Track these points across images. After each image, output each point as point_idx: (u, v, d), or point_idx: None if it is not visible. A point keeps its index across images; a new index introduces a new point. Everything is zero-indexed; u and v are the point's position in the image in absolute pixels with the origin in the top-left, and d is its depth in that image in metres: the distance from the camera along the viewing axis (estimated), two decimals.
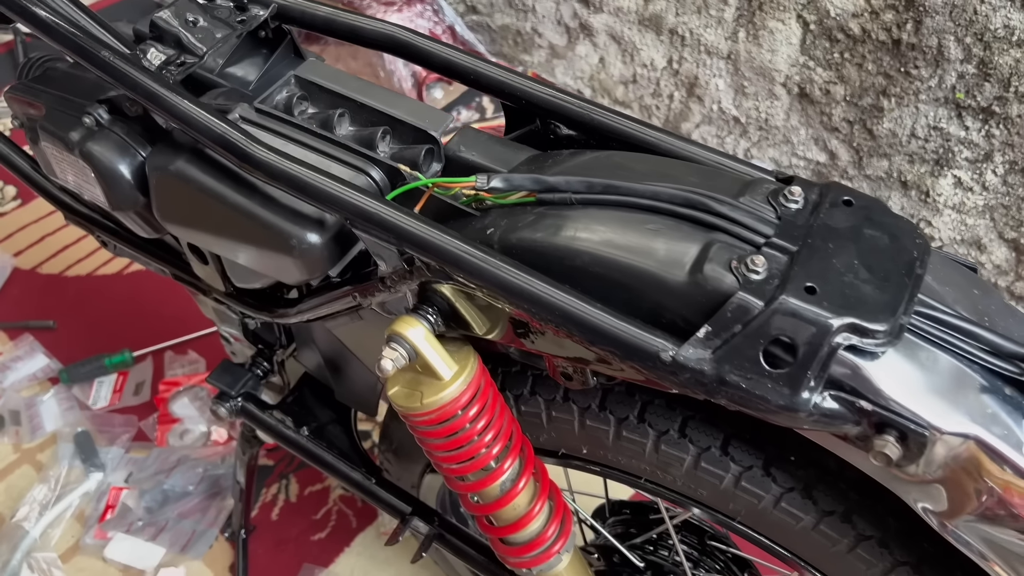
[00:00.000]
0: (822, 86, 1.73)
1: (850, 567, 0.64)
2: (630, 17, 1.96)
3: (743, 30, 1.77)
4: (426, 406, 0.62)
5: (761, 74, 1.80)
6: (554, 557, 0.72)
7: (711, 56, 1.86)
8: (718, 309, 0.51)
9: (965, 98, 1.53)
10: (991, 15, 1.42)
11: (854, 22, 1.60)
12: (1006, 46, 1.43)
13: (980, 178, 1.60)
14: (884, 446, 0.50)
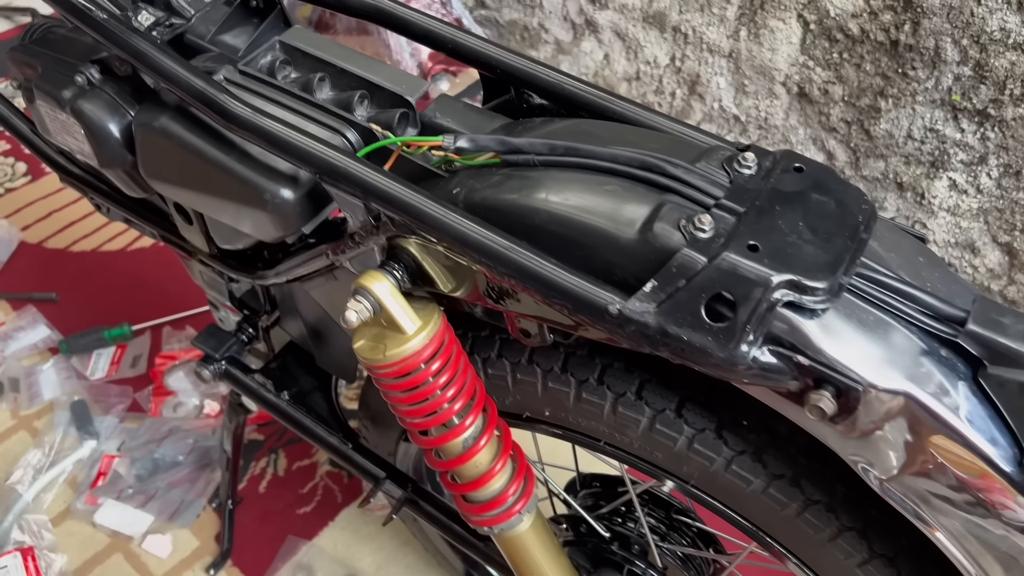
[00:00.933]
0: (821, 86, 1.74)
1: (799, 532, 0.66)
2: (634, 14, 1.98)
3: (744, 29, 1.79)
4: (388, 358, 0.64)
5: (761, 73, 1.82)
6: (515, 517, 0.74)
7: (713, 54, 1.88)
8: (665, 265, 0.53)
9: (961, 100, 1.54)
10: (987, 17, 1.43)
11: (853, 22, 1.61)
12: (1002, 49, 1.44)
13: (975, 181, 1.61)
14: (819, 400, 0.52)
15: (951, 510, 0.54)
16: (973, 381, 0.52)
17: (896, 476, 0.54)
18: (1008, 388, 0.50)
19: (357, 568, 1.33)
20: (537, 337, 0.64)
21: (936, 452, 0.52)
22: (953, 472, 0.52)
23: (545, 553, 0.79)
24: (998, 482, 0.51)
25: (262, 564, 1.34)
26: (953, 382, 0.52)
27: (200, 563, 1.35)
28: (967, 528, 0.54)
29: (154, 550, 1.36)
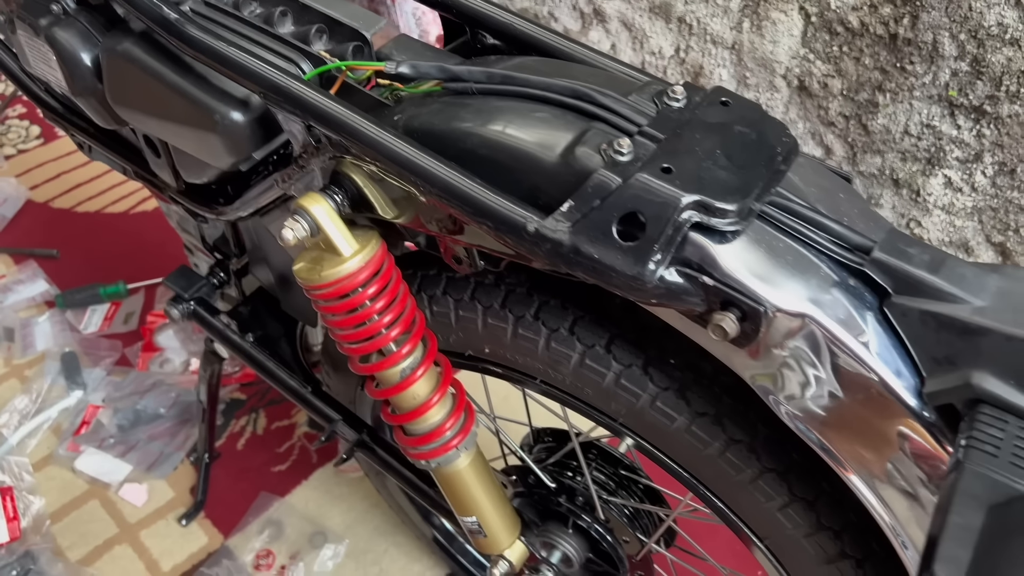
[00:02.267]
0: (820, 79, 1.74)
1: (722, 472, 0.66)
2: (641, 4, 1.99)
3: (747, 20, 1.79)
4: (323, 278, 0.65)
5: (763, 65, 1.82)
6: (452, 451, 0.75)
7: (716, 46, 1.88)
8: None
9: (958, 96, 1.53)
10: (985, 12, 1.42)
11: (853, 15, 1.61)
12: (999, 44, 1.43)
13: (970, 179, 1.60)
14: (722, 320, 0.53)
15: (853, 439, 0.54)
16: (879, 311, 0.52)
17: (801, 405, 0.55)
18: (910, 317, 0.51)
19: (326, 527, 1.35)
20: (468, 263, 0.65)
21: (836, 375, 0.53)
22: (855, 400, 0.53)
23: (484, 493, 0.80)
24: (898, 410, 0.52)
25: (234, 517, 1.36)
26: (859, 310, 0.52)
27: (173, 513, 1.37)
28: (869, 458, 0.54)
29: (130, 498, 1.38)
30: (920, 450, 0.52)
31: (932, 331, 0.50)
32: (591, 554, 0.91)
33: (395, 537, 1.33)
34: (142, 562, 1.31)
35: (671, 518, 0.84)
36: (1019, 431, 0.47)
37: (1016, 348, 0.47)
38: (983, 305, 0.49)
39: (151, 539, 1.34)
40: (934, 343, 0.50)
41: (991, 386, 0.48)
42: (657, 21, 1.98)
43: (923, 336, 0.51)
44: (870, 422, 0.53)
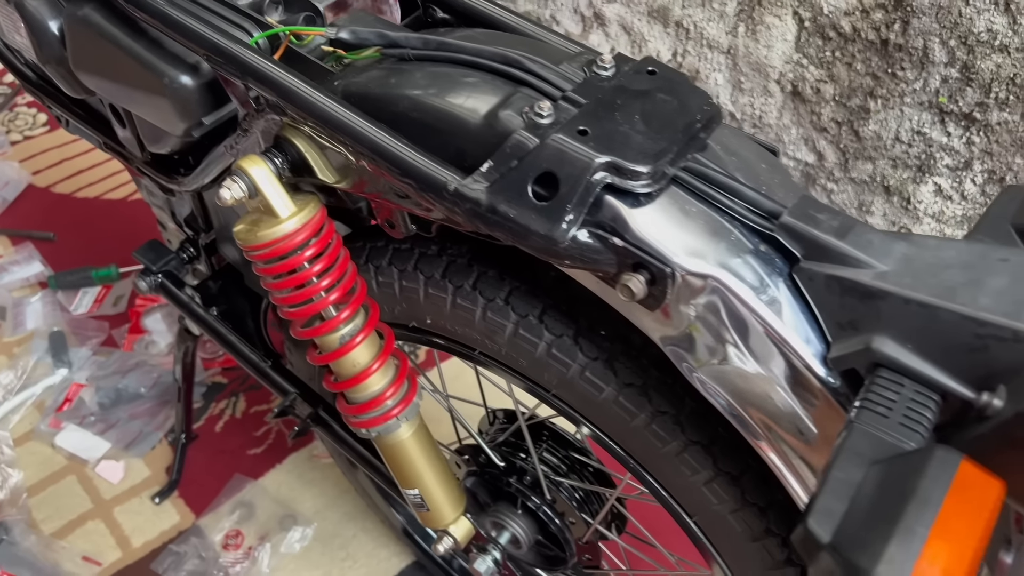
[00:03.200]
0: (813, 84, 1.74)
1: (648, 444, 0.67)
2: (640, 8, 2.00)
3: (743, 25, 1.79)
4: (259, 239, 0.66)
5: (757, 70, 1.82)
6: (392, 420, 0.76)
7: (712, 50, 1.89)
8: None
9: (948, 103, 1.53)
10: (975, 18, 1.42)
11: (845, 20, 1.61)
12: (988, 51, 1.43)
13: (959, 187, 1.59)
14: (629, 280, 0.53)
15: (761, 405, 0.54)
16: (789, 277, 0.53)
17: (710, 370, 0.55)
18: (817, 282, 0.51)
19: (296, 510, 1.35)
20: (401, 228, 0.66)
21: (745, 343, 0.53)
22: (762, 365, 0.53)
23: (427, 466, 0.80)
24: (804, 375, 0.52)
25: (207, 498, 1.37)
26: (768, 274, 0.52)
27: (148, 491, 1.38)
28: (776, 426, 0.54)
29: (106, 475, 1.40)
30: (825, 416, 0.52)
31: (836, 296, 0.50)
32: (540, 536, 0.92)
33: (364, 523, 1.34)
34: (113, 538, 1.32)
35: (612, 498, 0.84)
36: (914, 394, 0.47)
37: (913, 311, 0.47)
38: (886, 270, 0.49)
39: (124, 515, 1.35)
40: (838, 308, 0.50)
41: (889, 350, 0.48)
42: (655, 25, 1.99)
43: (828, 301, 0.51)
44: (777, 387, 0.53)
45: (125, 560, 1.30)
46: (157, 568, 1.28)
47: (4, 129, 2.11)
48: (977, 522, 0.40)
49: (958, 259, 0.48)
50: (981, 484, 0.41)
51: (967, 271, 0.47)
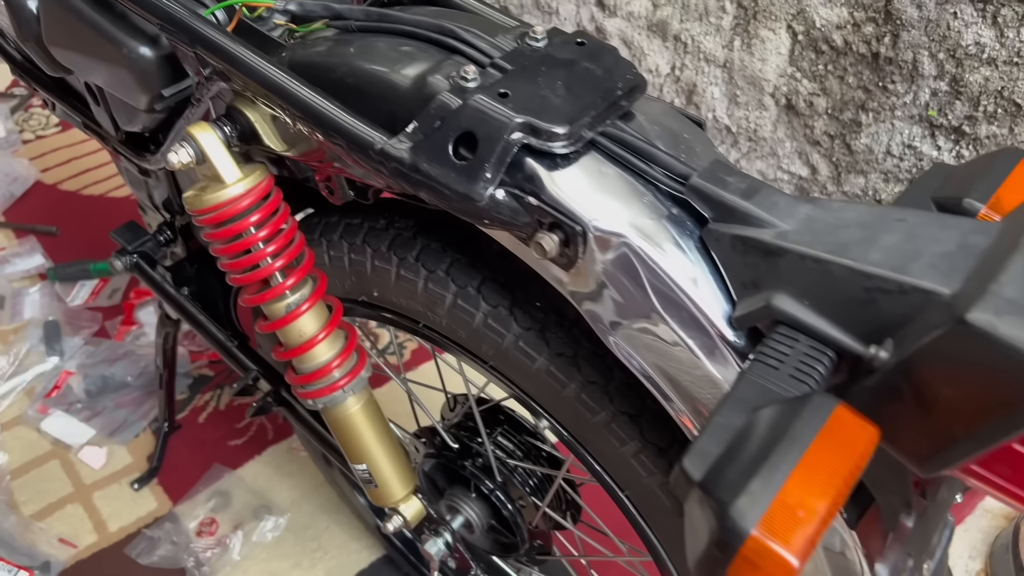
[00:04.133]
0: (806, 98, 1.74)
1: (577, 413, 0.67)
2: (640, 22, 2.02)
3: (739, 38, 1.81)
4: (205, 203, 0.68)
5: (752, 83, 1.83)
6: (339, 392, 0.77)
7: (709, 64, 1.90)
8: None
9: (937, 116, 1.53)
10: (963, 31, 1.42)
11: (837, 33, 1.62)
12: (976, 64, 1.43)
13: None
14: (542, 238, 0.54)
15: (670, 366, 0.55)
16: (699, 239, 0.53)
17: (624, 332, 0.55)
18: (723, 242, 0.52)
19: (272, 501, 1.36)
20: (339, 194, 0.68)
21: (655, 303, 0.53)
22: (672, 325, 0.53)
23: (374, 441, 0.81)
24: (709, 336, 0.52)
25: (185, 486, 1.38)
26: (679, 236, 0.53)
27: (128, 478, 1.40)
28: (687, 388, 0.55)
29: (89, 460, 1.42)
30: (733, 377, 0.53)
31: (740, 255, 0.51)
32: (492, 520, 0.92)
33: (337, 516, 1.35)
34: (91, 522, 1.34)
35: (558, 479, 0.84)
36: (807, 349, 0.47)
37: (809, 268, 0.48)
38: (787, 229, 0.50)
39: (103, 500, 1.37)
40: (742, 267, 0.51)
41: (787, 306, 0.49)
42: (655, 39, 2.01)
43: (733, 261, 0.52)
44: (685, 348, 0.54)
45: (100, 544, 1.31)
46: (130, 552, 1.29)
47: (18, 128, 2.16)
48: (843, 463, 0.40)
49: (858, 219, 0.49)
50: (853, 428, 0.42)
51: (864, 230, 0.48)
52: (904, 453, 0.45)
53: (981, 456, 0.41)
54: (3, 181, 1.97)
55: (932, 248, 0.45)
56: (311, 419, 0.94)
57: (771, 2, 1.68)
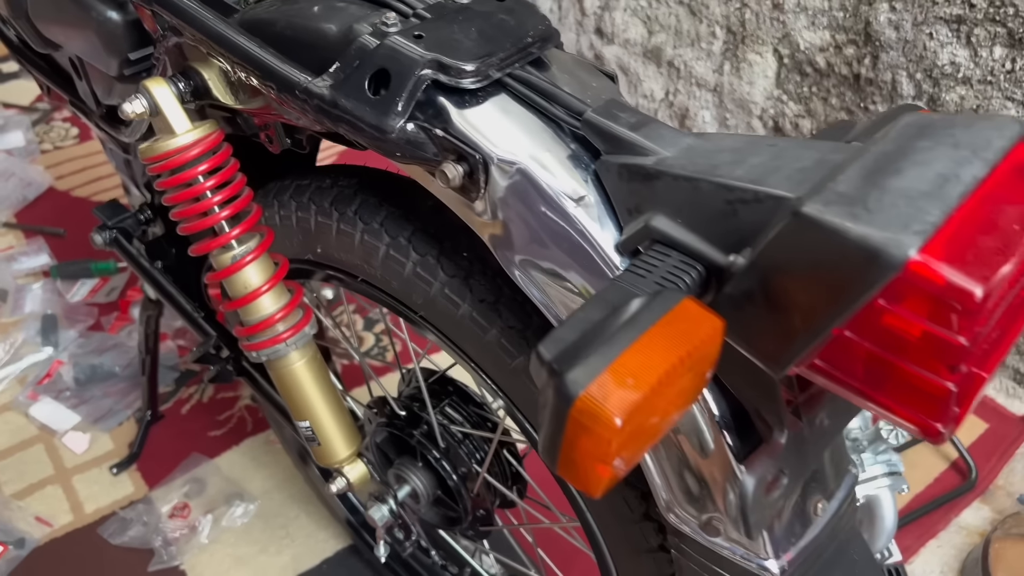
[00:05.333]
0: (792, 119, 1.78)
1: (499, 359, 0.69)
2: (636, 49, 2.08)
3: (728, 63, 1.85)
4: (156, 150, 0.72)
5: (741, 106, 1.87)
6: (281, 345, 0.80)
7: (700, 88, 1.95)
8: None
9: None
10: (939, 51, 1.46)
11: (820, 56, 1.66)
12: (952, 83, 1.46)
13: None
14: (447, 167, 0.57)
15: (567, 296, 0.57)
16: (593, 171, 0.56)
17: (525, 261, 0.58)
18: (612, 172, 0.55)
19: (245, 488, 1.39)
20: (278, 142, 0.72)
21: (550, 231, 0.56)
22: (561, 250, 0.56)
23: (318, 398, 0.84)
24: (597, 258, 0.55)
25: (162, 472, 1.41)
26: (574, 167, 0.56)
27: (108, 463, 1.43)
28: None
29: (72, 445, 1.45)
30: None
31: (626, 183, 0.54)
32: (438, 490, 0.94)
33: (307, 506, 1.36)
34: (68, 503, 1.37)
35: (495, 441, 0.86)
36: (677, 262, 0.50)
37: (682, 187, 0.50)
38: (667, 156, 0.52)
39: (82, 483, 1.40)
40: (627, 195, 0.54)
41: (662, 225, 0.51)
42: (650, 65, 2.06)
43: (619, 188, 0.54)
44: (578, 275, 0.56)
45: (75, 524, 1.34)
46: (103, 533, 1.31)
47: (37, 139, 2.26)
48: (679, 345, 0.42)
49: (733, 146, 0.52)
50: (697, 318, 0.44)
51: (735, 154, 0.51)
52: (759, 354, 0.47)
53: (819, 348, 0.43)
54: (17, 185, 2.05)
55: (792, 164, 0.48)
56: (269, 388, 0.97)
57: (758, 26, 1.73)
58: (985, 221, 0.40)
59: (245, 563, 1.29)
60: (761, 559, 0.58)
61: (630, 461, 0.43)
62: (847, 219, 0.40)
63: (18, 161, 2.11)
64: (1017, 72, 1.37)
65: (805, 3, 1.62)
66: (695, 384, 0.44)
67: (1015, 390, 1.59)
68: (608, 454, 0.40)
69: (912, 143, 0.44)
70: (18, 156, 2.15)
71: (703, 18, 1.86)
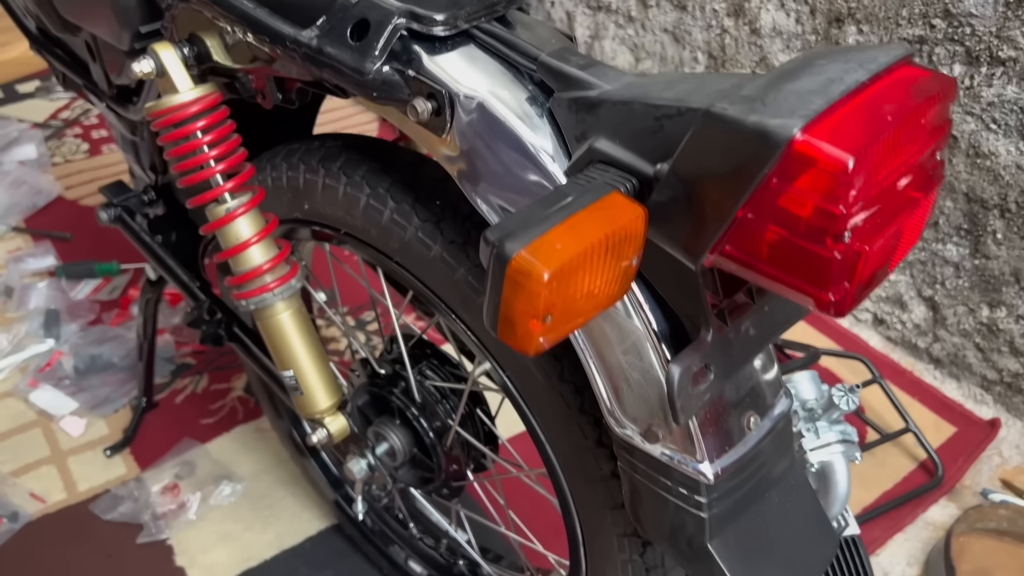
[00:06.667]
0: None
1: (465, 295, 0.76)
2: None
3: None
4: (159, 105, 0.80)
5: None
6: (268, 295, 0.86)
7: None
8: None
9: None
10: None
11: None
12: None
13: None
14: (416, 102, 0.64)
15: None
16: (549, 111, 0.63)
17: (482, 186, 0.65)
18: (562, 106, 0.62)
19: (234, 472, 1.43)
20: (270, 96, 0.79)
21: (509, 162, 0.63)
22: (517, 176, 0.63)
23: (302, 348, 0.90)
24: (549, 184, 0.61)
25: (155, 456, 1.46)
26: (530, 104, 0.63)
27: (103, 447, 1.48)
28: None
29: (69, 429, 1.50)
30: None
31: (574, 114, 0.61)
32: (414, 448, 0.99)
33: (294, 488, 1.41)
34: (62, 481, 1.42)
35: (467, 388, 0.91)
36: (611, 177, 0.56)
37: (619, 111, 0.57)
38: (610, 88, 0.59)
39: (76, 464, 1.45)
40: (575, 124, 0.61)
41: (603, 146, 0.58)
42: None
43: (569, 120, 0.61)
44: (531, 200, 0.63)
45: (68, 501, 1.38)
46: (94, 509, 1.36)
47: (50, 153, 2.35)
48: (605, 225, 0.48)
49: (666, 79, 0.59)
50: (622, 206, 0.50)
51: (667, 83, 0.58)
52: (680, 247, 0.53)
53: (728, 233, 0.50)
54: (28, 193, 2.13)
55: (713, 87, 0.55)
56: (259, 352, 1.03)
57: (737, 51, 1.82)
58: (866, 118, 0.47)
59: (231, 539, 1.33)
60: (696, 462, 0.63)
61: (561, 325, 0.49)
62: (746, 113, 0.47)
63: (30, 171, 2.20)
64: (975, 88, 1.45)
65: (780, 27, 1.72)
66: (622, 268, 0.50)
67: (982, 396, 1.64)
68: (538, 308, 0.47)
69: (812, 61, 0.51)
70: (30, 167, 2.23)
71: (686, 44, 1.95)
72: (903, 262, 1.68)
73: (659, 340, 0.60)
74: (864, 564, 1.08)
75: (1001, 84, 1.43)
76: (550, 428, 0.77)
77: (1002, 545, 1.37)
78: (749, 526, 0.69)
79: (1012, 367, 1.58)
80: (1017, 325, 1.54)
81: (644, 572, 0.80)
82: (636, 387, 0.62)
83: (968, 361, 1.64)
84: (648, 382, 0.61)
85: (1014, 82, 1.41)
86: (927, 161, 0.52)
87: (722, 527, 0.67)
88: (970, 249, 1.57)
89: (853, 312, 1.81)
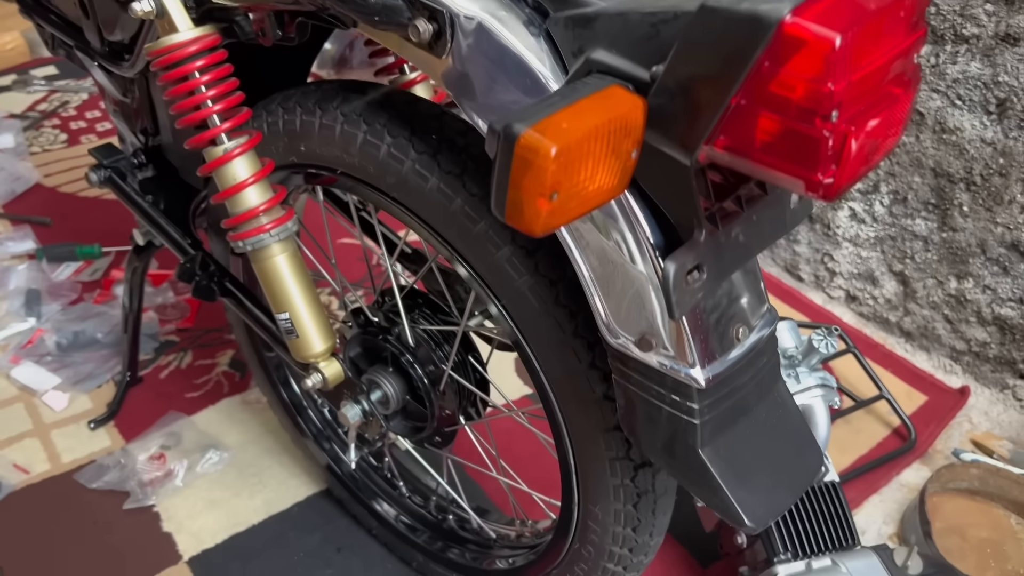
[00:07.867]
0: None
1: (462, 226, 0.78)
2: None
3: None
4: (159, 44, 0.82)
5: None
6: (264, 235, 0.88)
7: None
8: None
9: None
10: None
11: None
12: None
13: (870, 209, 1.72)
14: (419, 23, 0.67)
15: None
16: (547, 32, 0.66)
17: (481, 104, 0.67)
18: (559, 25, 0.64)
19: (220, 442, 1.43)
20: (270, 33, 0.81)
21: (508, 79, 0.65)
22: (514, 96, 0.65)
23: (297, 291, 0.91)
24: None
25: (140, 429, 1.46)
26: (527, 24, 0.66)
27: (86, 420, 1.47)
28: None
29: (51, 403, 1.50)
30: None
31: (570, 31, 0.64)
32: (407, 396, 1.00)
33: (281, 457, 1.41)
34: (46, 453, 1.41)
35: (460, 331, 0.93)
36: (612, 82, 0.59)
37: (615, 22, 0.60)
38: (605, 5, 0.62)
39: (60, 438, 1.44)
40: (571, 40, 0.64)
41: (600, 56, 0.61)
42: None
43: (565, 37, 0.64)
44: None
45: (52, 472, 1.38)
46: (79, 478, 1.35)
47: (28, 143, 2.34)
48: (607, 111, 0.51)
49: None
50: (622, 97, 0.53)
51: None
52: (675, 143, 0.56)
53: (722, 122, 0.52)
54: (6, 180, 2.12)
55: None
56: (250, 304, 1.04)
57: None
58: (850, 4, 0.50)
59: (218, 506, 1.33)
60: (688, 367, 0.66)
61: (566, 206, 0.51)
62: (738, 2, 0.50)
63: (7, 158, 2.19)
64: (940, 65, 1.51)
65: None
66: (623, 159, 0.53)
67: (952, 366, 1.69)
68: (546, 184, 0.49)
69: None
70: (8, 155, 2.22)
71: None
72: (874, 238, 1.73)
73: (653, 248, 0.63)
74: (844, 508, 1.11)
75: (965, 61, 1.49)
76: (544, 354, 0.79)
77: (974, 503, 1.41)
78: (739, 438, 0.72)
79: (980, 336, 1.63)
80: (984, 295, 1.59)
81: (635, 496, 0.82)
82: (631, 295, 0.65)
83: (937, 333, 1.69)
84: (642, 288, 0.63)
85: (977, 59, 1.47)
86: (906, 60, 0.55)
87: (713, 436, 0.70)
88: (938, 223, 1.62)
89: (825, 289, 1.86)
